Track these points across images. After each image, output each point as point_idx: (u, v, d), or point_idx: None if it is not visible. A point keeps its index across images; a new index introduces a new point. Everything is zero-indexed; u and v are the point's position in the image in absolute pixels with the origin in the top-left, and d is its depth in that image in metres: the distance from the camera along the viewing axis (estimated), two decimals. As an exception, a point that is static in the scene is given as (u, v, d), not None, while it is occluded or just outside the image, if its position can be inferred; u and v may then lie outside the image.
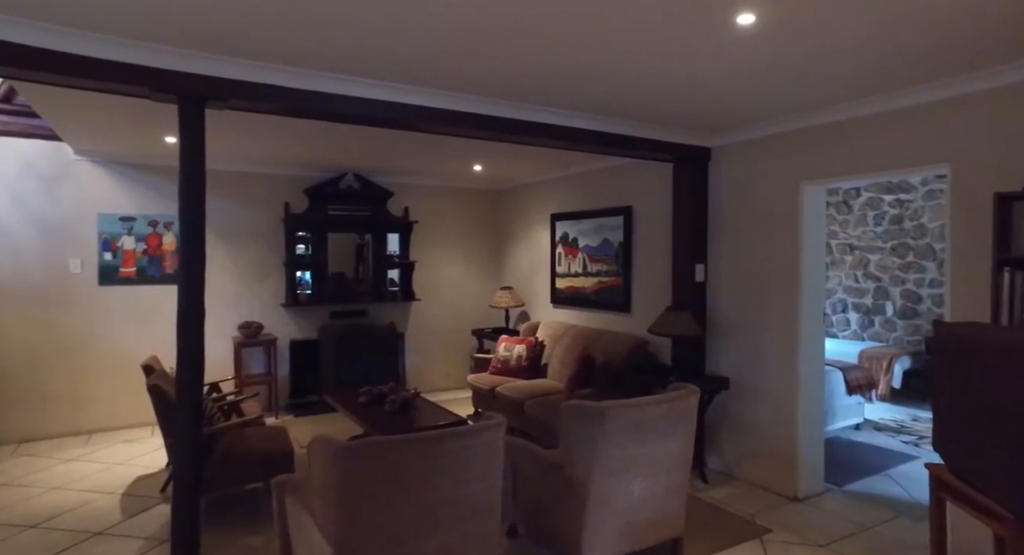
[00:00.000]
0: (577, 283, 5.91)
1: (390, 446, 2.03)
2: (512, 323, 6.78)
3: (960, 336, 2.14)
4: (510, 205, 7.07)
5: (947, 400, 2.23)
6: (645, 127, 3.96)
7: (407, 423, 3.90)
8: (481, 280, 7.23)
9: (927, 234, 7.13)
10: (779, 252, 3.85)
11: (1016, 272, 2.59)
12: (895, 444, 5.13)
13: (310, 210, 6.00)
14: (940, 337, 2.26)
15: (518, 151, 5.11)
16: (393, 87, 3.10)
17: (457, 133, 3.59)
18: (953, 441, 2.17)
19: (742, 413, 4.08)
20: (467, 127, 3.43)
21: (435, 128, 3.47)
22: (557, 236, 6.20)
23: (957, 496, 2.14)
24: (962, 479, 2.10)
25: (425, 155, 5.39)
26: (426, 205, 6.76)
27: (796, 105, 3.48)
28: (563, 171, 6.02)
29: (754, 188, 4.03)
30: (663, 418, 2.69)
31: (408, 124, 3.38)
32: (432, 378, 6.84)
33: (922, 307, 7.17)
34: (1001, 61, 2.71)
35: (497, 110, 3.44)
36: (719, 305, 4.30)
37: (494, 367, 5.69)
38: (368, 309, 6.37)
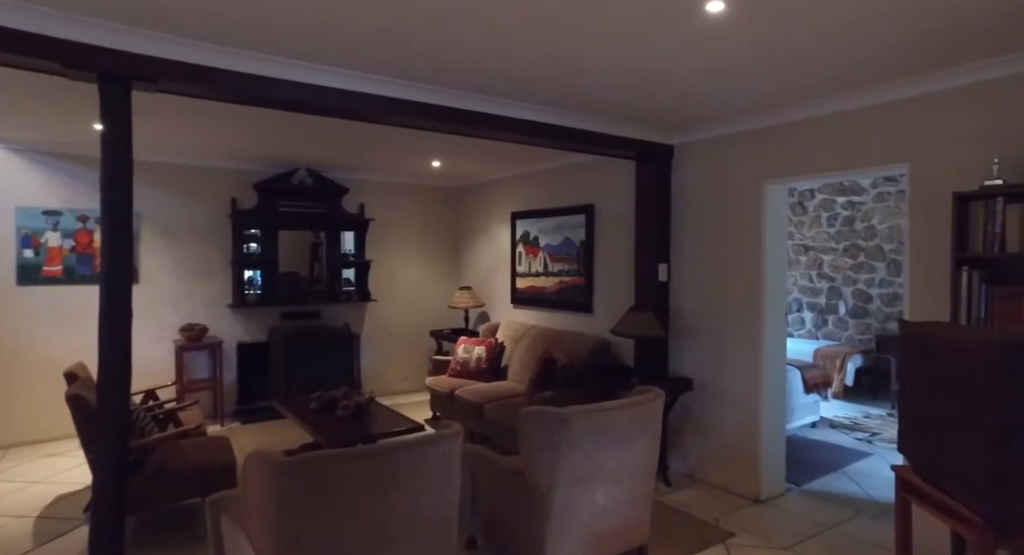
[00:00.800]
0: (538, 283, 5.80)
1: (334, 460, 1.85)
2: (472, 324, 6.62)
3: (924, 335, 2.11)
4: (470, 203, 6.91)
5: (912, 401, 2.19)
6: (608, 123, 3.87)
7: (360, 430, 3.69)
8: (440, 280, 7.04)
9: (877, 235, 7.33)
10: (742, 251, 3.82)
11: (974, 271, 2.59)
12: (849, 441, 5.20)
13: (260, 206, 5.70)
14: (904, 336, 2.23)
15: (478, 147, 4.97)
16: (344, 73, 2.91)
17: (413, 125, 3.42)
18: (918, 442, 2.14)
19: (705, 414, 4.04)
20: (424, 119, 3.26)
21: (389, 119, 3.28)
22: (518, 235, 6.07)
23: (923, 498, 2.10)
24: (928, 481, 2.06)
25: (382, 150, 5.18)
26: (383, 202, 6.53)
27: (759, 103, 3.45)
28: (524, 168, 5.90)
29: (717, 187, 3.99)
30: (629, 423, 2.59)
31: (361, 114, 3.18)
32: (389, 381, 6.61)
33: (872, 306, 7.36)
34: (958, 62, 2.72)
35: (456, 101, 3.28)
36: (682, 305, 4.25)
37: (453, 369, 5.52)
38: (322, 310, 6.10)
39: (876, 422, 5.83)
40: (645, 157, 4.30)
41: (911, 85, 2.95)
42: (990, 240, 2.57)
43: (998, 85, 2.69)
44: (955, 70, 2.78)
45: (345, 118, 3.26)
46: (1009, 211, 2.53)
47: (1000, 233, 2.54)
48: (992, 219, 2.57)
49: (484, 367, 5.41)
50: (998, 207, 2.55)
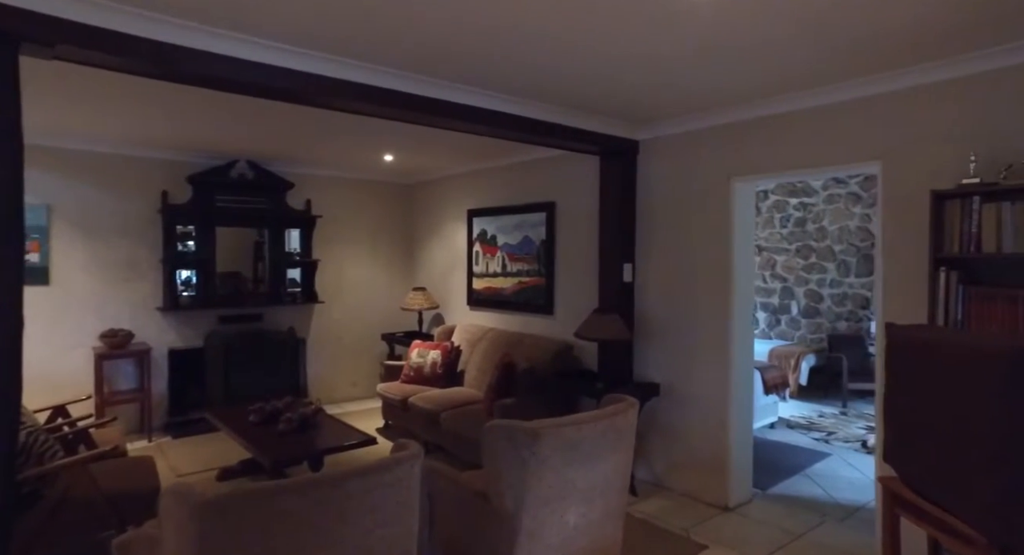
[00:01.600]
0: (496, 284, 5.57)
1: (269, 495, 1.57)
2: (426, 327, 6.32)
3: (916, 340, 1.99)
4: (424, 200, 6.61)
5: (902, 409, 2.07)
6: (570, 115, 3.68)
7: (305, 445, 3.37)
8: (392, 280, 6.71)
9: (827, 236, 7.45)
10: (710, 251, 3.70)
11: (951, 272, 2.52)
12: (807, 442, 5.21)
13: (194, 200, 5.23)
14: (893, 341, 2.11)
15: (433, 140, 4.70)
16: (285, 49, 2.60)
17: (362, 110, 3.12)
18: (910, 453, 2.02)
19: (672, 420, 3.90)
20: (373, 103, 2.97)
21: (335, 103, 2.98)
22: (475, 234, 5.82)
23: (916, 514, 1.98)
24: (922, 495, 1.94)
25: (330, 142, 4.84)
26: (331, 198, 6.15)
27: (728, 97, 3.33)
28: (482, 164, 5.66)
29: (684, 184, 3.86)
30: (601, 436, 2.39)
31: (303, 96, 2.87)
32: (338, 388, 6.24)
33: (823, 306, 7.48)
34: (933, 58, 2.66)
35: (408, 85, 3.01)
36: (648, 306, 4.11)
37: (406, 375, 5.22)
38: (264, 313, 5.68)
39: (831, 421, 5.89)
40: (609, 153, 4.13)
41: (884, 81, 2.88)
42: (966, 240, 2.51)
43: (974, 81, 2.64)
44: (929, 66, 2.72)
45: (285, 100, 2.94)
46: (985, 210, 2.46)
47: (976, 233, 2.48)
48: (968, 218, 2.50)
49: (439, 372, 5.14)
50: (974, 206, 2.48)
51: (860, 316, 7.16)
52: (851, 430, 5.56)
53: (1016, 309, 2.36)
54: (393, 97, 3.00)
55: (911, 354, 2.00)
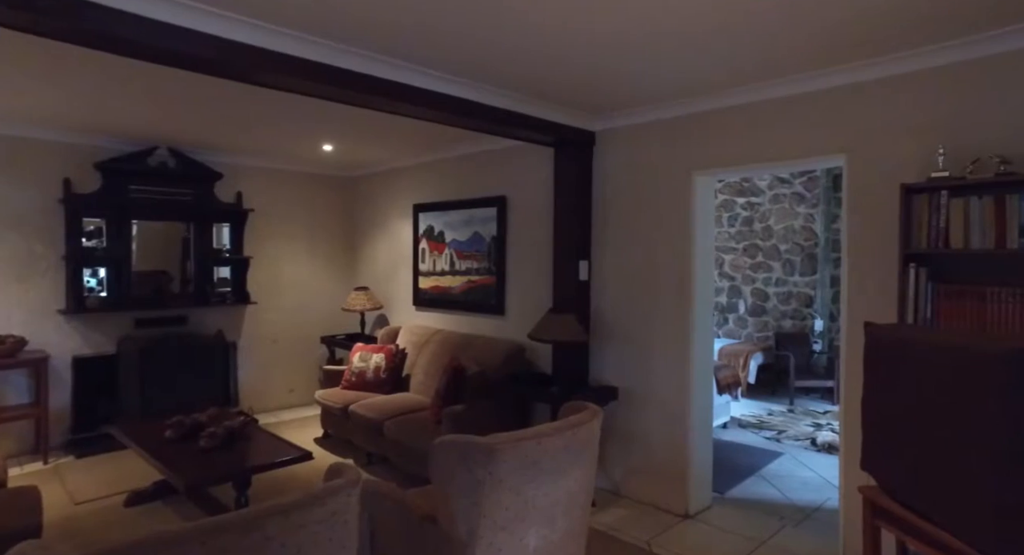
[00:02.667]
0: (444, 282, 5.28)
1: (165, 548, 1.24)
2: (369, 328, 5.96)
3: (899, 340, 1.86)
4: (367, 194, 6.23)
5: (882, 413, 1.94)
6: (523, 101, 3.45)
7: (229, 463, 2.99)
8: (332, 279, 6.30)
9: (773, 235, 7.55)
10: (670, 247, 3.55)
11: (920, 268, 2.43)
12: (760, 441, 5.18)
13: (105, 190, 4.69)
14: (873, 341, 1.98)
15: (375, 129, 4.37)
16: (204, 11, 2.24)
17: (294, 87, 2.78)
18: (893, 461, 1.89)
19: (630, 425, 3.73)
20: (305, 79, 2.64)
21: (263, 77, 2.63)
22: (421, 230, 5.51)
23: (900, 527, 1.85)
24: (909, 508, 1.81)
25: (262, 129, 4.42)
26: (265, 191, 5.69)
27: (688, 87, 3.18)
28: (428, 156, 5.35)
29: (643, 177, 3.70)
30: (564, 450, 2.16)
31: (225, 67, 2.51)
32: (272, 395, 5.78)
33: (769, 305, 7.57)
34: (900, 49, 2.57)
35: (345, 60, 2.70)
36: (605, 306, 3.93)
37: (347, 381, 4.86)
38: (189, 315, 5.17)
39: (780, 419, 5.91)
40: (564, 144, 3.93)
41: (849, 72, 2.79)
42: (934, 235, 2.43)
43: (940, 74, 2.57)
44: (895, 57, 2.64)
45: (206, 71, 2.57)
46: (953, 205, 2.39)
47: (944, 228, 2.40)
48: (936, 213, 2.42)
49: (383, 377, 4.81)
50: (943, 200, 2.40)
51: (804, 314, 7.28)
52: (800, 428, 5.58)
53: (985, 306, 2.29)
54: (328, 74, 2.68)
55: (893, 355, 1.87)
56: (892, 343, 1.88)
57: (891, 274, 2.63)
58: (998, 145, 2.36)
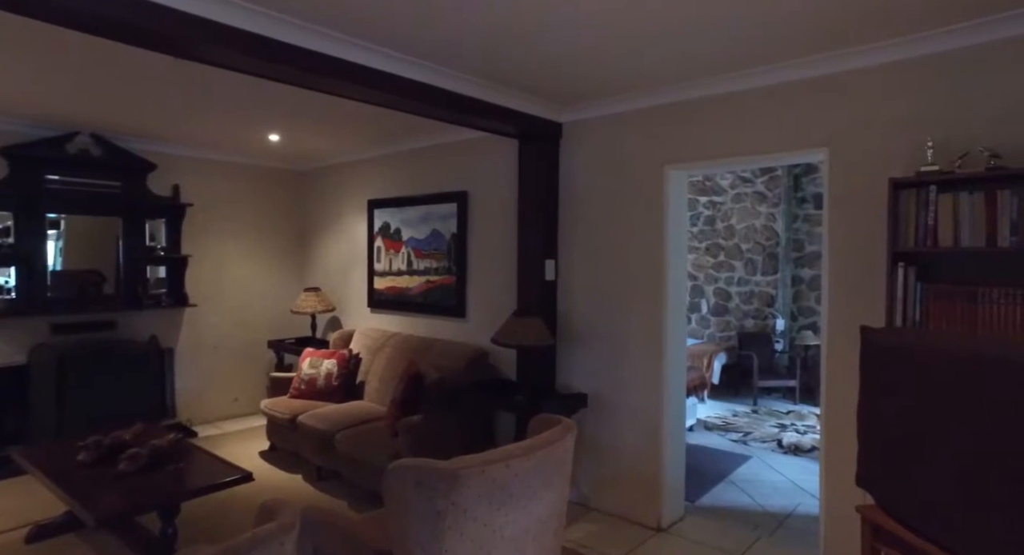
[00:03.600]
0: (400, 283, 4.98)
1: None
2: (320, 332, 5.60)
3: (903, 346, 1.70)
4: (318, 189, 5.86)
5: (883, 426, 1.78)
6: (487, 88, 3.20)
7: (153, 489, 2.63)
8: (281, 280, 5.90)
9: (735, 235, 7.53)
10: (641, 246, 3.37)
11: (909, 267, 2.30)
12: (727, 444, 5.09)
13: (13, 179, 4.19)
14: (872, 347, 1.81)
15: (326, 118, 4.05)
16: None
17: (230, 62, 2.46)
18: (895, 480, 1.72)
19: (600, 434, 3.53)
20: (243, 53, 2.33)
21: (195, 48, 2.30)
22: (376, 227, 5.19)
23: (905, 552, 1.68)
24: (912, 529, 1.65)
25: (201, 115, 4.03)
26: (206, 184, 5.26)
27: (661, 74, 3.00)
28: (384, 148, 5.04)
29: (613, 172, 3.50)
30: (536, 472, 1.92)
31: (141, 34, 2.17)
32: (214, 405, 5.35)
33: (732, 304, 7.55)
34: (885, 37, 2.45)
35: (288, 34, 2.40)
36: (573, 307, 3.71)
37: (296, 389, 4.51)
38: (117, 319, 4.71)
39: (744, 420, 5.85)
40: (529, 136, 3.70)
41: (831, 61, 2.65)
42: (922, 233, 2.30)
43: (927, 64, 2.46)
44: (880, 46, 2.51)
45: (123, 40, 2.22)
46: (941, 201, 2.27)
47: (933, 225, 2.28)
48: (924, 209, 2.30)
49: (335, 385, 4.48)
50: (931, 196, 2.28)
51: (766, 314, 7.28)
52: (765, 429, 5.52)
53: (976, 307, 2.18)
54: (269, 48, 2.37)
55: (896, 363, 1.70)
56: (895, 350, 1.72)
57: (874, 273, 2.51)
58: (987, 138, 2.25)
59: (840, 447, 2.69)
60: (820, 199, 7.20)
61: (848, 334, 2.66)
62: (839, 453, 2.69)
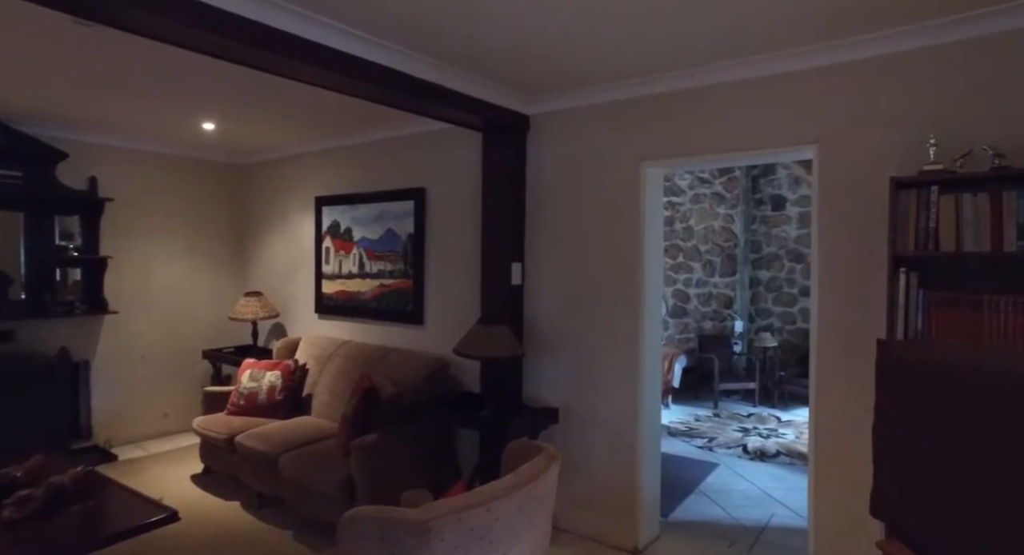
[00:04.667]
0: (351, 287, 4.60)
1: None
2: (263, 340, 5.14)
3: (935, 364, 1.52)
4: (260, 184, 5.38)
5: (905, 453, 1.59)
6: (450, 73, 2.90)
7: (46, 542, 2.18)
8: (218, 284, 5.39)
9: (694, 236, 7.48)
10: (617, 247, 3.14)
11: (911, 273, 2.16)
12: (693, 451, 4.96)
13: None
14: (891, 363, 1.63)
15: (269, 105, 3.66)
16: None
17: (140, 26, 2.07)
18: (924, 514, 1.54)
19: (572, 450, 3.28)
20: (160, 16, 1.95)
21: (90, 7, 1.91)
22: (325, 226, 4.79)
23: (938, 594, 1.50)
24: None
25: (120, 97, 3.54)
26: (130, 177, 4.72)
27: (636, 65, 2.78)
28: (334, 141, 4.64)
29: (585, 168, 3.26)
30: (518, 513, 1.65)
31: None
32: (140, 423, 4.82)
33: (690, 306, 7.49)
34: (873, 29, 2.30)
35: None
36: (541, 314, 3.46)
37: (234, 404, 4.07)
38: (16, 329, 4.13)
39: (708, 425, 5.75)
40: (495, 128, 3.42)
41: (822, 53, 2.49)
42: (923, 236, 2.16)
43: (925, 56, 2.32)
44: (873, 37, 2.36)
45: None
46: (943, 202, 2.13)
47: (935, 228, 2.14)
48: (926, 211, 2.16)
49: (279, 399, 4.07)
50: (932, 197, 2.14)
51: (724, 316, 7.26)
52: (728, 434, 5.44)
53: (981, 316, 2.04)
54: (201, 15, 2.00)
55: (924, 382, 1.52)
56: (922, 366, 1.53)
57: (868, 278, 2.38)
58: (990, 136, 2.13)
59: (830, 460, 2.54)
60: (778, 201, 7.26)
61: (839, 340, 2.52)
62: (829, 466, 2.54)
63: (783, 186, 7.06)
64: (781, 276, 7.09)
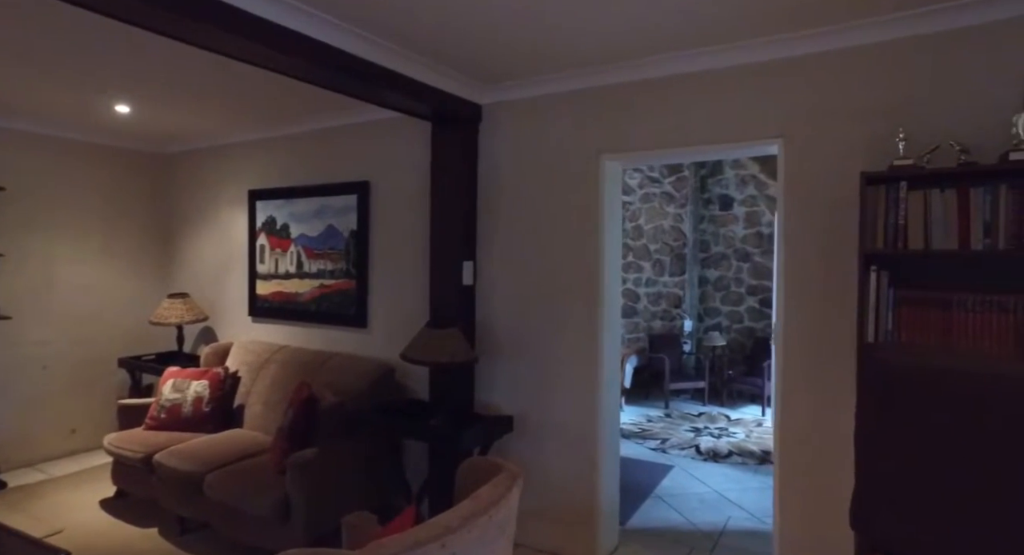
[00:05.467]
0: (289, 287, 4.27)
1: None
2: (190, 346, 4.72)
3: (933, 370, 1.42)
4: (188, 176, 4.94)
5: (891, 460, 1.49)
6: (399, 55, 2.67)
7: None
8: (138, 285, 4.92)
9: (643, 235, 7.47)
10: (575, 244, 2.98)
11: (882, 271, 2.09)
12: (647, 453, 4.89)
13: None
14: (881, 370, 1.52)
15: (192, 87, 3.30)
16: None
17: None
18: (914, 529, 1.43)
19: (526, 460, 3.10)
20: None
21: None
22: (259, 222, 4.43)
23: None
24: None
25: (10, 69, 3.10)
26: (27, 165, 4.22)
27: (596, 52, 2.63)
28: (269, 130, 4.29)
29: (541, 161, 3.09)
30: (478, 543, 1.45)
31: None
32: (42, 441, 4.31)
33: (640, 305, 7.48)
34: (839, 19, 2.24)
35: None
36: (494, 315, 3.26)
37: (154, 418, 3.67)
38: None
39: (660, 426, 5.71)
40: (445, 118, 3.20)
41: (788, 44, 2.41)
42: (891, 234, 2.10)
43: (894, 49, 2.27)
44: (840, 28, 2.29)
45: None
46: (911, 198, 2.07)
47: (903, 225, 2.08)
48: (895, 208, 2.09)
49: (206, 411, 3.70)
50: (901, 194, 2.08)
51: (673, 315, 7.28)
52: (681, 434, 5.41)
53: (950, 316, 1.99)
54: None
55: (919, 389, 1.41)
56: (917, 373, 1.43)
57: (834, 277, 2.32)
58: (955, 132, 2.08)
59: (796, 468, 2.46)
60: (725, 200, 7.34)
61: (806, 342, 2.44)
62: (795, 474, 2.46)
63: (731, 186, 7.14)
64: (729, 275, 7.16)
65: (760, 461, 4.65)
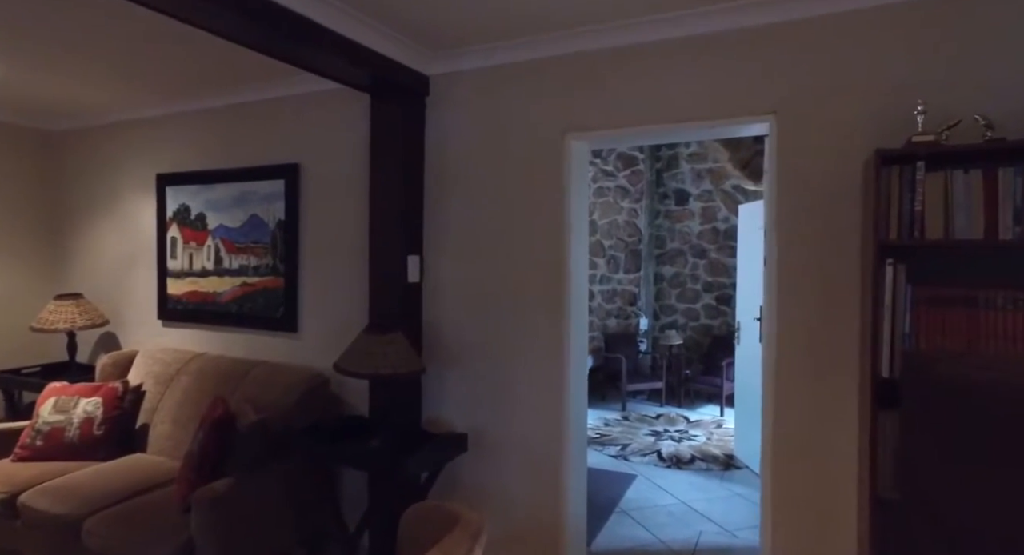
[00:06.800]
0: (206, 286, 3.70)
1: None
2: (87, 356, 4.06)
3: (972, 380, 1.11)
4: (82, 158, 4.25)
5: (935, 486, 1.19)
6: (333, 7, 2.21)
7: None
8: (18, 284, 4.20)
9: (598, 231, 7.19)
10: (536, 235, 2.61)
11: (899, 265, 1.81)
12: (608, 461, 4.59)
13: None
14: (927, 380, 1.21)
15: (86, 42, 2.71)
16: None
17: None
18: None
19: (483, 482, 2.70)
20: None
21: None
22: (170, 211, 3.83)
23: None
24: None
25: None
26: None
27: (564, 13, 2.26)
28: (180, 104, 3.70)
29: (498, 140, 2.69)
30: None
31: None
32: None
33: (594, 303, 7.20)
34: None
35: None
36: (444, 317, 2.84)
37: (25, 447, 3.05)
38: None
39: (619, 430, 5.44)
40: (386, 88, 2.75)
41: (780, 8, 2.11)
42: (907, 221, 1.82)
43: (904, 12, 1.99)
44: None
45: None
46: (930, 180, 1.80)
47: (920, 211, 1.81)
48: (911, 192, 1.82)
49: (98, 435, 3.11)
50: (918, 175, 1.81)
51: (629, 313, 7.04)
52: (641, 439, 5.15)
53: (977, 315, 1.73)
54: None
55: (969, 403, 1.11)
56: (981, 385, 1.12)
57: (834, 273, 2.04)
58: (980, 104, 1.83)
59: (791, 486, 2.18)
60: (681, 195, 7.15)
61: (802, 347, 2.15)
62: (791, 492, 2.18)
63: (686, 180, 6.96)
64: (685, 272, 6.99)
65: (724, 466, 4.43)
